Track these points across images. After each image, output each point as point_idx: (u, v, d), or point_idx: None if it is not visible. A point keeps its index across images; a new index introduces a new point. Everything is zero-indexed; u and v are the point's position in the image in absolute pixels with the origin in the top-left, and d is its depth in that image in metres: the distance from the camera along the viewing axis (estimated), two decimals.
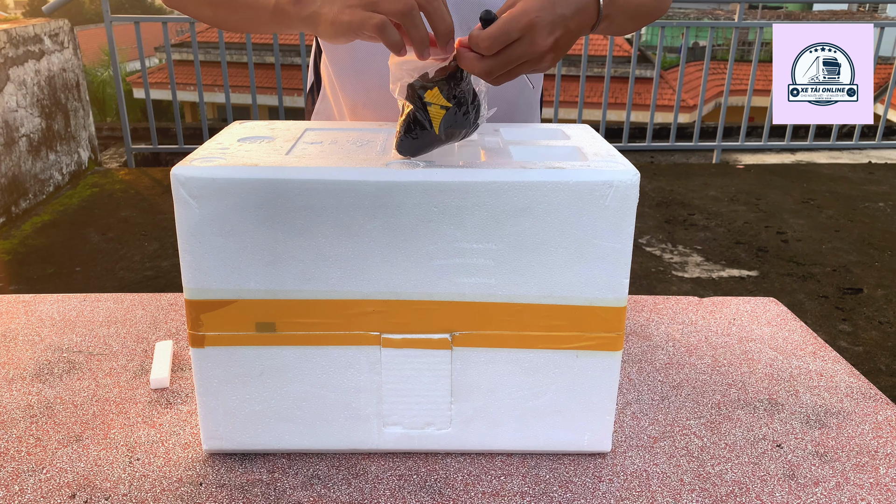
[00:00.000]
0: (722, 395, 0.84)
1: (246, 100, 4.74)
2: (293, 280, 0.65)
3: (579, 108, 4.40)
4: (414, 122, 0.62)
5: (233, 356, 0.67)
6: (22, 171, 3.44)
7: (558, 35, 0.62)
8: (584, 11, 0.65)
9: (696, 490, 0.68)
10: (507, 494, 0.67)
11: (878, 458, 0.73)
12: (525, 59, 0.62)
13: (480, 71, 0.61)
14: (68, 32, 3.94)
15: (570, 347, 0.68)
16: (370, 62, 0.88)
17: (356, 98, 0.93)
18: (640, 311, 1.04)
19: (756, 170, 4.39)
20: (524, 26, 0.60)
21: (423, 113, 0.62)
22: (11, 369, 0.86)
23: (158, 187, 3.83)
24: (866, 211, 3.64)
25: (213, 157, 0.65)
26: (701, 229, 3.36)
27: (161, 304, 1.03)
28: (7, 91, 3.32)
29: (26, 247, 3.08)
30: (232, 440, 0.70)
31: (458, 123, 0.63)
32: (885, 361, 2.28)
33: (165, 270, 2.86)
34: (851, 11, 14.48)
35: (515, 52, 0.61)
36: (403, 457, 0.72)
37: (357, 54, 0.90)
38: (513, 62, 0.62)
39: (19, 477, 0.68)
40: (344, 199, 0.62)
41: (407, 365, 0.68)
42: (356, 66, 0.91)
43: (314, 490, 0.67)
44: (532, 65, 0.63)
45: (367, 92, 0.91)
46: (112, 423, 0.76)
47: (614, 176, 0.63)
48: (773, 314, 1.04)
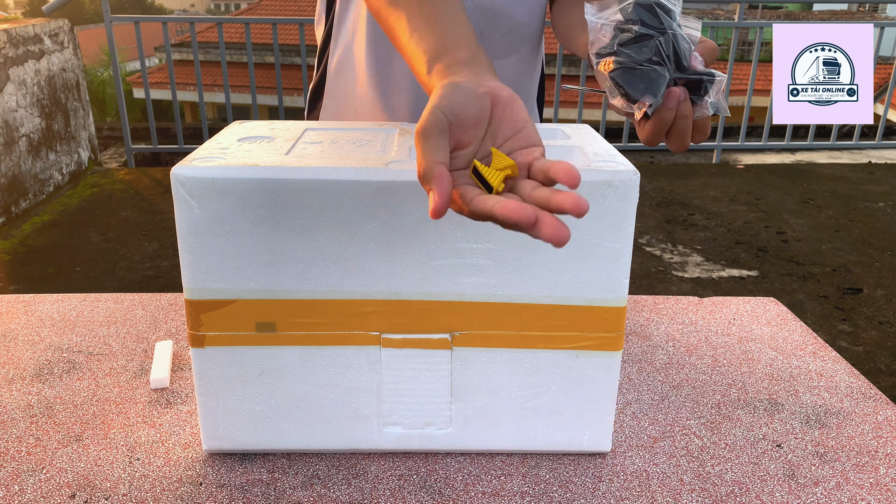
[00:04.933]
0: (722, 395, 0.84)
1: (246, 100, 4.74)
2: (293, 280, 0.65)
3: (579, 108, 4.40)
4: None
5: (233, 356, 0.67)
6: (22, 170, 3.44)
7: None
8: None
9: (696, 490, 0.68)
10: (507, 494, 0.67)
11: (878, 458, 0.73)
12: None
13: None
14: (68, 32, 3.94)
15: (570, 347, 0.68)
16: (401, 65, 0.90)
17: (377, 100, 0.94)
18: (640, 311, 1.04)
19: (756, 170, 4.39)
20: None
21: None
22: (11, 369, 0.86)
23: (158, 187, 3.83)
24: (866, 211, 3.64)
25: (213, 157, 0.65)
26: (701, 229, 3.36)
27: (161, 304, 1.03)
28: (7, 91, 3.32)
29: (26, 247, 3.08)
30: (232, 440, 0.70)
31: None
32: (884, 361, 2.28)
33: (165, 270, 2.86)
34: (851, 11, 14.48)
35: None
36: (403, 457, 0.72)
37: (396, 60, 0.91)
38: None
39: (19, 477, 0.68)
40: (344, 199, 0.62)
41: (407, 365, 0.68)
42: (388, 65, 0.91)
43: (314, 490, 0.67)
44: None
45: (395, 95, 0.92)
46: (112, 423, 0.76)
47: (614, 176, 0.63)
48: (773, 314, 1.04)
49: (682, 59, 0.58)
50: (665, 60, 0.58)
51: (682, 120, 0.60)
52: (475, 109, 0.50)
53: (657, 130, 0.61)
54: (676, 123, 0.61)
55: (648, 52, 0.58)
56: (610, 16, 0.60)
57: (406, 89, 0.93)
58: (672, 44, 0.58)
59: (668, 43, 0.57)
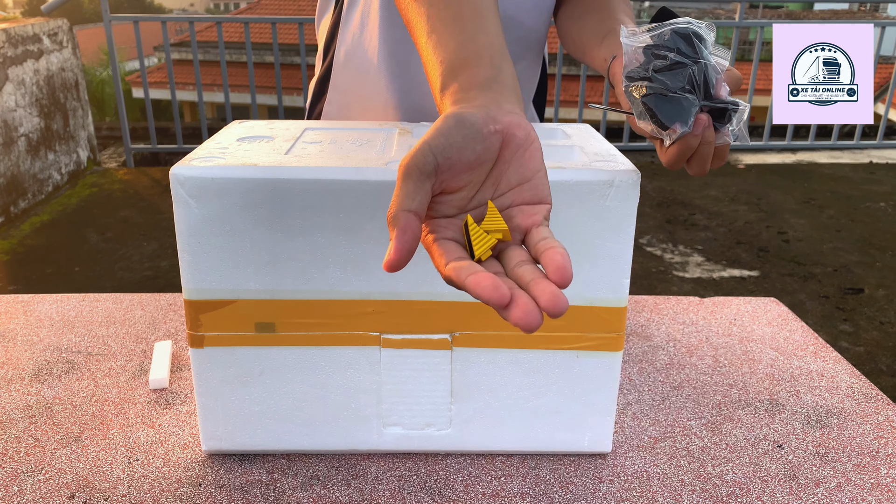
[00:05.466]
0: (723, 395, 0.84)
1: (245, 99, 4.74)
2: (293, 280, 0.65)
3: (579, 108, 4.40)
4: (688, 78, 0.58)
5: (232, 356, 0.67)
6: (21, 170, 3.44)
7: None
8: None
9: (697, 491, 0.68)
10: (508, 495, 0.67)
11: (879, 458, 0.73)
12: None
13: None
14: (67, 32, 3.94)
15: (571, 348, 0.68)
16: (418, 67, 0.87)
17: (390, 98, 0.91)
18: (640, 312, 1.04)
19: (757, 170, 4.39)
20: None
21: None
22: (10, 370, 0.86)
23: (157, 187, 3.83)
24: (867, 211, 3.64)
25: (213, 156, 0.65)
26: (702, 229, 3.36)
27: (160, 305, 1.03)
28: (6, 90, 3.32)
29: (25, 247, 3.08)
30: (231, 441, 0.70)
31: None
32: (886, 361, 2.28)
33: (164, 270, 2.85)
34: (852, 11, 14.50)
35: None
36: (403, 457, 0.72)
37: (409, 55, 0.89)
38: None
39: (18, 477, 0.68)
40: (343, 199, 0.62)
41: (407, 365, 0.68)
42: (406, 67, 0.90)
43: (314, 490, 0.67)
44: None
45: (411, 95, 0.90)
46: (111, 424, 0.76)
47: (615, 176, 0.62)
48: (774, 314, 1.04)
49: (711, 87, 0.59)
50: (696, 89, 0.58)
51: (706, 146, 0.60)
52: (475, 152, 0.45)
53: (681, 155, 0.61)
54: (699, 150, 0.60)
55: (682, 80, 0.58)
56: (645, 40, 0.60)
57: (424, 97, 0.90)
58: (704, 73, 0.58)
59: (701, 72, 0.59)
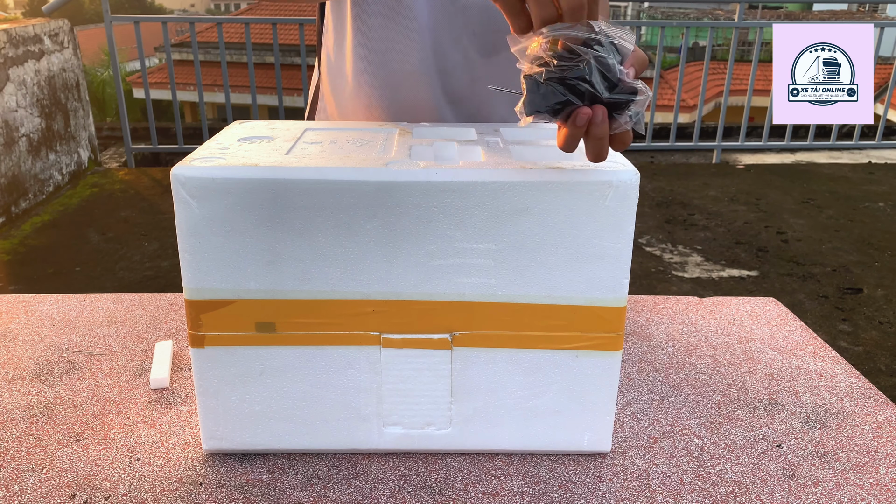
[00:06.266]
0: (722, 395, 0.84)
1: (246, 100, 4.74)
2: (293, 280, 0.65)
3: None
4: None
5: (233, 356, 0.67)
6: (22, 170, 3.44)
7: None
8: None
9: (696, 490, 0.68)
10: (507, 494, 0.67)
11: (878, 458, 0.73)
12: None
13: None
14: (68, 32, 3.94)
15: (570, 347, 0.68)
16: (397, 59, 0.88)
17: (373, 95, 0.93)
18: (640, 311, 1.04)
19: (756, 170, 4.39)
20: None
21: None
22: (11, 369, 0.86)
23: (158, 187, 3.83)
24: (866, 211, 3.64)
25: (213, 157, 0.65)
26: (701, 229, 3.36)
27: (161, 304, 1.03)
28: (7, 91, 3.32)
29: (26, 247, 3.08)
30: (232, 440, 0.70)
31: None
32: (885, 361, 2.28)
33: (165, 270, 2.86)
34: (851, 11, 14.49)
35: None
36: (403, 457, 0.72)
37: (391, 46, 0.89)
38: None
39: (19, 477, 0.68)
40: (343, 198, 0.62)
41: (407, 365, 0.68)
42: (384, 61, 0.90)
43: (314, 490, 0.67)
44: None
45: (393, 89, 0.91)
46: (112, 424, 0.76)
47: (614, 176, 0.63)
48: (773, 314, 1.04)
49: (610, 74, 0.58)
50: (593, 83, 0.57)
51: (595, 140, 0.59)
52: None
53: (568, 143, 0.60)
54: (590, 140, 0.60)
55: (577, 72, 0.57)
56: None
57: (406, 90, 0.92)
58: (598, 66, 0.57)
59: (592, 69, 0.57)
